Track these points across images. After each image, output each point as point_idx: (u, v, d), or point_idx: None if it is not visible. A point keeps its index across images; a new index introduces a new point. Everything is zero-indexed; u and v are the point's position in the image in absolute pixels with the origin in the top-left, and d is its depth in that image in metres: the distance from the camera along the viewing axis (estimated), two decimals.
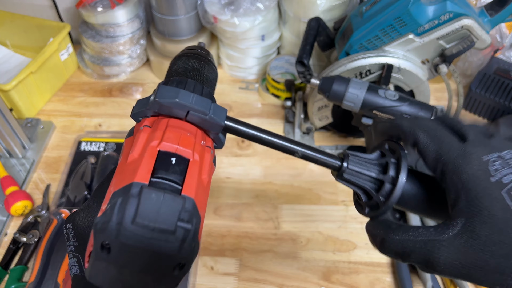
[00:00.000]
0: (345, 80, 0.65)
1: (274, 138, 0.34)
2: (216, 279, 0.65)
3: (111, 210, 0.25)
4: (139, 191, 0.26)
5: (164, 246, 0.25)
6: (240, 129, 0.33)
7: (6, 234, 0.70)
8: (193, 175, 0.28)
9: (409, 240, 0.29)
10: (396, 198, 0.32)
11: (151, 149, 0.28)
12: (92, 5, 0.87)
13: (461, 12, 0.63)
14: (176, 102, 0.30)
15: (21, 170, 0.79)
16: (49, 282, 0.62)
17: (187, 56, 0.36)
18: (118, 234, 0.24)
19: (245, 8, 0.86)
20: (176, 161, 0.28)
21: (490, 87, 0.84)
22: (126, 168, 0.28)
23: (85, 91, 0.96)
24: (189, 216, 0.26)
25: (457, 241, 0.27)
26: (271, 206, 0.74)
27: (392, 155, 0.34)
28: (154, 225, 0.25)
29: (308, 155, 0.34)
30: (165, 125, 0.30)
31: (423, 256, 0.28)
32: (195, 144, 0.29)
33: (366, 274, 0.66)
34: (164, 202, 0.25)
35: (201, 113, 0.30)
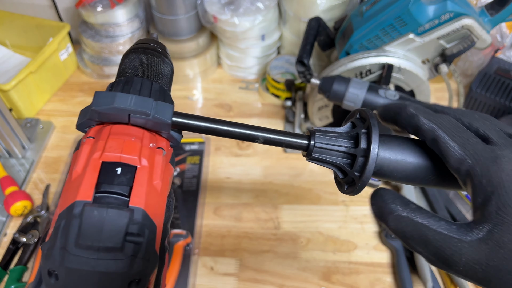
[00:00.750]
0: (345, 80, 0.65)
1: (229, 127, 0.31)
2: (216, 279, 0.65)
3: (55, 235, 0.24)
4: (81, 210, 0.24)
5: (112, 266, 0.23)
6: (190, 124, 0.30)
7: (5, 234, 0.70)
8: (142, 183, 0.26)
9: (430, 229, 0.27)
10: (370, 171, 0.29)
11: (93, 162, 0.26)
12: (92, 4, 0.87)
13: (462, 12, 0.62)
14: (113, 108, 0.28)
15: (21, 170, 0.79)
16: None
17: (134, 52, 0.34)
18: (62, 259, 0.23)
19: (245, 8, 0.86)
20: (121, 171, 0.26)
21: (490, 87, 0.84)
22: (70, 186, 0.26)
23: (85, 91, 0.96)
24: (139, 228, 0.25)
25: (482, 246, 0.26)
26: (271, 206, 0.74)
27: (363, 124, 0.31)
28: (98, 245, 0.23)
29: (272, 139, 0.31)
30: (107, 133, 0.28)
31: (439, 251, 0.27)
32: (141, 149, 0.28)
33: (366, 275, 0.66)
34: (108, 218, 0.24)
35: (142, 114, 0.28)
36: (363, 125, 0.31)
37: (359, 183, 0.29)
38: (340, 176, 0.31)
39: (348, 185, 0.31)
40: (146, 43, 0.35)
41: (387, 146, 0.30)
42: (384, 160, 0.30)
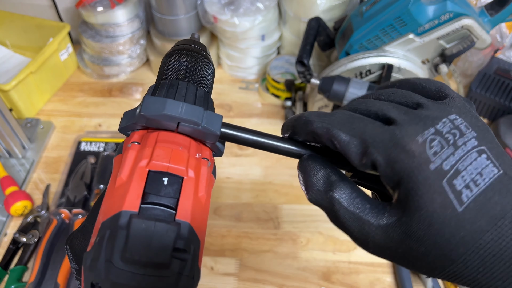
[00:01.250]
0: (345, 80, 0.65)
1: (277, 142, 0.30)
2: (216, 279, 0.65)
3: (99, 246, 0.23)
4: (128, 221, 0.23)
5: (158, 283, 0.23)
6: (238, 136, 0.29)
7: (6, 234, 0.70)
8: (189, 195, 0.26)
9: (341, 206, 0.25)
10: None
11: (140, 170, 0.25)
12: (92, 5, 0.87)
13: (461, 12, 0.63)
14: (163, 115, 0.27)
15: (21, 170, 0.79)
16: (49, 282, 0.62)
17: (178, 54, 0.33)
18: (107, 273, 0.22)
19: (245, 8, 0.86)
20: (168, 181, 0.25)
21: (490, 87, 0.84)
22: (114, 193, 0.26)
23: (85, 91, 0.96)
24: (186, 243, 0.24)
25: (390, 232, 0.24)
26: (271, 206, 0.74)
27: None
28: (146, 260, 0.22)
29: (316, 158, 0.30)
30: (154, 140, 0.27)
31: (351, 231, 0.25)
32: (188, 159, 0.27)
33: (366, 274, 0.66)
34: (156, 232, 0.23)
35: (192, 124, 0.27)
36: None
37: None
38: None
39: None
40: (188, 44, 0.34)
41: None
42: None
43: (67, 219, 0.70)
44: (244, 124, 0.90)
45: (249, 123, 0.89)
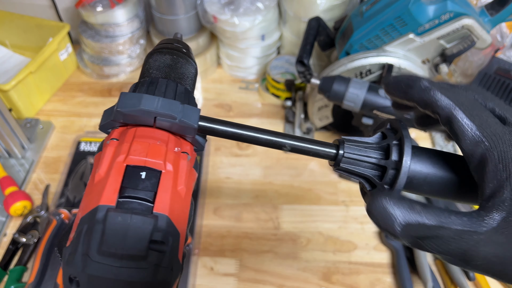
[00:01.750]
0: (345, 80, 0.65)
1: (256, 133, 0.30)
2: (216, 279, 0.65)
3: (77, 240, 0.23)
4: (105, 215, 0.23)
5: (135, 275, 0.23)
6: (217, 129, 0.29)
7: (5, 235, 0.70)
8: (166, 189, 0.26)
9: (443, 228, 0.25)
10: (401, 185, 0.28)
11: (117, 165, 0.26)
12: (92, 4, 0.87)
13: (462, 12, 0.62)
14: (139, 110, 0.27)
15: (21, 170, 0.79)
16: (49, 283, 0.62)
17: (159, 52, 0.33)
18: (84, 266, 0.23)
19: (245, 8, 0.85)
20: (146, 175, 0.26)
21: (490, 87, 0.84)
22: (93, 189, 0.26)
23: (85, 91, 0.96)
24: (163, 235, 0.24)
25: (498, 236, 0.24)
26: (271, 206, 0.74)
27: (394, 135, 0.30)
28: (122, 252, 0.23)
29: (299, 147, 0.30)
30: (132, 135, 0.27)
31: (458, 248, 0.24)
32: (166, 153, 0.27)
33: (366, 275, 0.66)
34: (132, 224, 0.23)
35: (169, 118, 0.27)
36: (394, 136, 0.29)
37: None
38: (367, 187, 0.30)
39: None
40: (170, 43, 0.35)
41: (418, 159, 0.29)
42: (415, 173, 0.29)
43: (67, 219, 0.70)
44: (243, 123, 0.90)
45: (249, 123, 0.88)
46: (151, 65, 0.33)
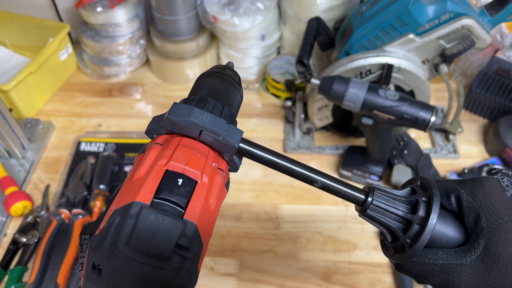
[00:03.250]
0: (345, 80, 0.65)
1: (292, 164, 0.31)
2: (216, 279, 0.65)
3: (107, 230, 0.24)
4: (138, 211, 0.24)
5: (156, 274, 0.23)
6: (255, 153, 0.31)
7: (5, 235, 0.70)
8: (199, 199, 0.27)
9: (428, 263, 0.28)
10: (424, 241, 0.29)
11: (158, 168, 0.27)
12: (92, 5, 0.87)
13: (462, 12, 0.62)
14: (188, 121, 0.29)
15: (21, 170, 0.79)
16: (49, 283, 0.62)
17: (213, 76, 0.35)
18: (110, 255, 0.23)
19: (245, 8, 0.85)
20: (182, 182, 0.27)
21: (490, 87, 0.84)
22: (130, 186, 0.27)
23: (85, 91, 0.96)
24: (189, 242, 0.25)
25: (479, 265, 0.27)
26: (271, 206, 0.74)
27: (424, 192, 0.31)
28: (148, 249, 0.23)
29: (329, 186, 0.31)
30: (176, 144, 0.29)
31: (441, 280, 0.28)
32: (205, 166, 0.28)
33: (366, 275, 0.66)
34: (163, 225, 0.24)
35: (214, 133, 0.29)
36: (424, 193, 0.31)
37: (409, 251, 0.29)
38: (389, 239, 0.31)
39: (396, 250, 0.31)
40: (223, 69, 0.36)
41: (444, 220, 0.30)
42: (438, 233, 0.30)
43: (67, 219, 0.70)
44: (244, 124, 0.91)
45: (249, 123, 0.89)
46: (203, 85, 0.34)
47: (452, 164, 0.80)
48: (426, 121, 0.63)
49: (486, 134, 0.84)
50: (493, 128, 0.81)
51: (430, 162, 0.77)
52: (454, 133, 0.82)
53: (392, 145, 0.76)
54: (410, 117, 0.63)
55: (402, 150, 0.78)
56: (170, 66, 0.94)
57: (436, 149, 0.81)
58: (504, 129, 0.78)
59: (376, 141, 0.71)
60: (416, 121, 0.63)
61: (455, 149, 0.81)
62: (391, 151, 0.78)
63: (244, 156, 0.32)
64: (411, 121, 0.63)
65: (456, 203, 0.30)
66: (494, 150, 0.80)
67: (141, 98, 0.94)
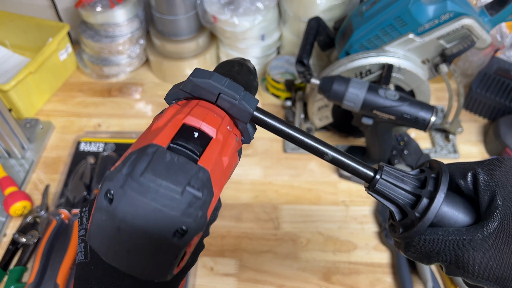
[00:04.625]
0: (345, 80, 0.65)
1: (303, 136, 0.32)
2: (215, 279, 0.65)
3: (123, 164, 0.25)
4: (155, 150, 0.25)
5: (168, 204, 0.24)
6: (269, 122, 0.32)
7: (5, 235, 0.70)
8: (213, 151, 0.28)
9: (439, 240, 0.28)
10: (433, 213, 0.29)
11: (176, 120, 0.28)
12: (91, 5, 0.87)
13: (462, 12, 0.62)
14: (208, 83, 0.30)
15: (20, 170, 0.79)
16: (49, 283, 0.62)
17: (233, 62, 0.36)
18: (124, 183, 0.24)
19: (245, 8, 0.85)
20: (198, 136, 0.28)
21: (490, 87, 0.84)
22: (148, 134, 0.28)
23: (84, 91, 0.96)
24: (201, 185, 0.26)
25: (493, 241, 0.26)
26: (271, 206, 0.74)
27: (432, 171, 0.31)
28: (162, 181, 0.24)
29: (339, 160, 0.32)
30: (195, 103, 0.30)
31: (454, 256, 0.27)
32: (220, 125, 0.29)
33: (366, 275, 0.66)
34: (178, 163, 0.25)
35: (231, 97, 0.30)
36: (431, 171, 0.31)
37: (418, 224, 0.29)
38: (397, 217, 0.31)
39: (404, 229, 0.31)
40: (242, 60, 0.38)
41: (453, 199, 0.30)
42: (447, 211, 0.29)
43: (67, 219, 0.70)
44: None
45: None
46: (223, 68, 0.35)
47: None
48: (426, 121, 0.63)
49: (486, 134, 0.84)
50: (493, 128, 0.81)
51: None
52: (454, 133, 0.82)
53: (392, 145, 0.76)
54: (410, 117, 0.63)
55: (402, 150, 0.78)
56: (170, 66, 0.94)
57: (436, 149, 0.81)
58: (504, 129, 0.78)
59: (376, 141, 0.71)
60: (416, 121, 0.63)
61: (455, 149, 0.81)
62: (391, 151, 0.78)
63: (257, 125, 0.32)
64: (411, 121, 0.63)
65: (473, 182, 0.29)
66: (494, 150, 0.80)
67: (141, 98, 0.94)
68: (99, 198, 0.25)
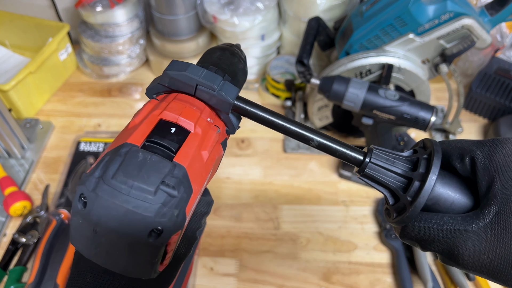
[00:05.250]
0: (345, 80, 0.65)
1: (287, 123, 0.31)
2: (215, 279, 0.65)
3: (97, 166, 0.25)
4: (127, 150, 0.25)
5: (140, 205, 0.24)
6: (249, 110, 0.31)
7: (5, 235, 0.70)
8: (191, 146, 0.27)
9: (432, 228, 0.27)
10: (425, 197, 0.27)
11: (152, 117, 0.28)
12: (91, 4, 0.87)
13: (462, 12, 0.62)
14: (184, 75, 0.29)
15: (20, 170, 0.79)
16: (49, 283, 0.62)
17: (219, 49, 0.36)
18: (96, 187, 0.24)
19: (245, 8, 0.85)
20: (175, 131, 0.28)
21: (490, 86, 0.84)
22: (124, 133, 0.28)
23: (84, 91, 0.96)
24: (176, 182, 0.25)
25: (487, 233, 0.25)
26: (271, 206, 0.74)
27: (424, 151, 0.30)
28: (133, 182, 0.24)
29: (326, 146, 0.30)
30: (172, 98, 0.30)
31: (446, 246, 0.26)
32: (199, 118, 0.29)
33: (366, 275, 0.66)
34: (150, 162, 0.25)
35: (209, 88, 0.29)
36: (424, 151, 0.30)
37: (410, 208, 0.28)
38: (390, 201, 0.30)
39: (398, 213, 0.30)
40: (231, 46, 0.37)
41: (448, 180, 0.29)
42: (441, 193, 0.28)
43: (67, 219, 0.70)
44: (244, 124, 0.90)
45: (249, 123, 0.88)
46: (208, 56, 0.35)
47: None
48: (426, 121, 0.63)
49: (486, 134, 0.83)
50: (493, 128, 0.80)
51: None
52: (454, 133, 0.82)
53: (392, 145, 0.76)
54: (410, 117, 0.63)
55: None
56: None
57: None
58: (504, 129, 0.78)
59: (376, 141, 0.71)
60: (416, 121, 0.63)
61: None
62: None
63: (240, 114, 0.32)
64: (411, 121, 0.63)
65: (470, 165, 0.28)
66: None
67: (141, 98, 0.94)
68: (74, 202, 0.25)
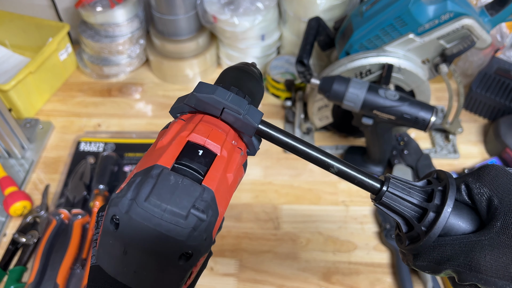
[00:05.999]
0: (345, 80, 0.65)
1: (309, 149, 0.32)
2: (215, 279, 0.65)
3: (128, 187, 0.25)
4: (159, 172, 0.26)
5: (172, 229, 0.24)
6: (273, 135, 0.32)
7: (5, 235, 0.70)
8: (218, 169, 0.28)
9: (447, 245, 0.28)
10: (439, 228, 0.29)
11: (180, 138, 0.28)
12: (91, 4, 0.87)
13: (462, 12, 0.62)
14: (212, 98, 0.30)
15: (20, 170, 0.79)
16: (48, 283, 0.62)
17: (237, 69, 0.36)
18: (129, 209, 0.24)
19: (245, 8, 0.85)
20: (202, 153, 0.28)
21: (490, 87, 0.84)
22: (153, 153, 0.28)
23: (84, 91, 0.96)
24: (206, 206, 0.26)
25: (500, 238, 0.26)
26: (271, 206, 0.74)
27: (439, 183, 0.31)
28: (166, 206, 0.25)
29: (345, 172, 0.32)
30: (199, 119, 0.30)
31: (464, 258, 0.27)
32: (225, 141, 0.29)
33: (366, 275, 0.66)
34: (182, 186, 0.25)
35: (235, 112, 0.30)
36: (439, 183, 0.31)
37: (424, 238, 0.29)
38: (404, 229, 0.31)
39: (410, 241, 0.31)
40: (247, 65, 0.37)
41: (459, 211, 0.30)
42: (453, 223, 0.29)
43: (67, 219, 0.70)
44: None
45: None
46: (227, 76, 0.36)
47: (452, 164, 0.80)
48: (426, 121, 0.63)
49: (486, 134, 0.83)
50: (493, 128, 0.81)
51: (430, 162, 0.77)
52: (454, 133, 0.82)
53: (392, 145, 0.76)
54: (410, 117, 0.63)
55: (402, 150, 0.78)
56: (170, 66, 0.94)
57: (436, 149, 0.81)
58: (504, 129, 0.78)
59: (376, 141, 0.71)
60: (416, 121, 0.63)
61: (455, 149, 0.81)
62: (391, 151, 0.78)
63: (263, 138, 0.33)
64: (411, 121, 0.63)
65: (467, 192, 0.30)
66: (494, 150, 0.80)
67: (141, 98, 0.94)
68: (105, 222, 0.25)
